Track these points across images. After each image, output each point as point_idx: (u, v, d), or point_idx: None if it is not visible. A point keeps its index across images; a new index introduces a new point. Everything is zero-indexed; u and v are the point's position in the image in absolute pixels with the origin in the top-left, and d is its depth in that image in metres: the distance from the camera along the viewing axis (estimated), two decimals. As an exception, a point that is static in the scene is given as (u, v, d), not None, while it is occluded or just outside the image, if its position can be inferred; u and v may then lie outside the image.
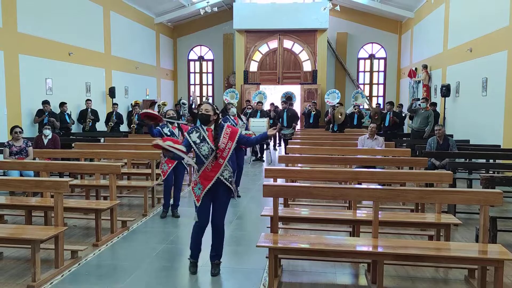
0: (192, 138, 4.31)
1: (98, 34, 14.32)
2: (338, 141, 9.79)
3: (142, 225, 6.21)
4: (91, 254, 5.01)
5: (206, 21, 20.53)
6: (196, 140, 4.29)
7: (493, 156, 8.36)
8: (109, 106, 14.09)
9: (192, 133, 4.35)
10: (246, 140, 4.47)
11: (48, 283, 4.21)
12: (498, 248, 3.93)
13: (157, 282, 4.29)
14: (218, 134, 4.30)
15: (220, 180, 4.29)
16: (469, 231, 5.92)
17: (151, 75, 18.70)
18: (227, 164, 4.32)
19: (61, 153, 8.03)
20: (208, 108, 4.33)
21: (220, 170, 4.27)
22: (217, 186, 4.30)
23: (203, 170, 4.29)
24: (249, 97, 17.84)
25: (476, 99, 11.29)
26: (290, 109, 13.18)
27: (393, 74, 20.30)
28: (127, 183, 7.51)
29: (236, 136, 4.34)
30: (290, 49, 19.00)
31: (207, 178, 4.27)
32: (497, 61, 10.12)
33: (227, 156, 4.29)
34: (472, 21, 11.85)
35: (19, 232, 4.53)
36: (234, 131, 4.39)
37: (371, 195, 4.26)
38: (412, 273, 4.51)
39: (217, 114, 4.38)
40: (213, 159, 4.26)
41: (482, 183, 5.41)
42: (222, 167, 4.28)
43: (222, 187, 4.32)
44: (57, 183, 4.69)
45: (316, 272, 4.57)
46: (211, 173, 4.27)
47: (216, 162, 4.27)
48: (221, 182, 4.30)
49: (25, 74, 10.60)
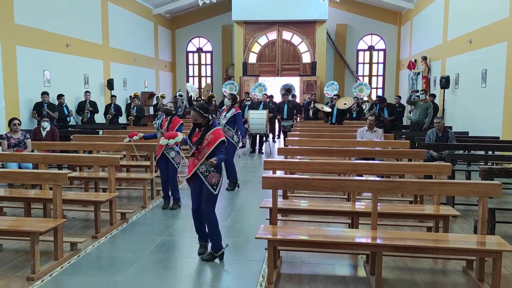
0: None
1: (96, 25, 14.24)
2: (337, 133, 9.78)
3: (141, 217, 6.22)
4: (91, 246, 5.01)
5: (205, 12, 20.42)
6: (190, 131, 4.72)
7: (492, 148, 8.37)
8: (107, 98, 14.05)
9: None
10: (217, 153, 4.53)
11: (47, 275, 4.22)
12: (497, 240, 3.94)
13: (156, 274, 4.30)
14: (200, 139, 4.52)
15: (197, 174, 4.57)
16: (468, 222, 5.94)
17: (150, 67, 18.64)
18: (205, 161, 4.51)
19: (59, 145, 8.01)
20: (196, 117, 4.52)
21: (197, 165, 4.55)
22: (196, 177, 4.60)
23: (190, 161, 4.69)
24: (248, 89, 17.79)
25: (476, 91, 11.28)
26: (290, 101, 13.17)
27: (393, 65, 20.25)
28: (126, 175, 7.50)
29: (214, 145, 4.49)
30: (289, 41, 18.92)
31: (189, 169, 4.68)
32: (497, 53, 10.09)
33: (202, 158, 4.50)
34: (471, 13, 11.81)
35: (18, 224, 4.54)
36: (215, 139, 4.51)
37: (370, 187, 4.26)
38: (410, 265, 4.53)
39: (205, 117, 4.52)
40: (193, 155, 4.58)
41: (481, 175, 5.41)
42: (199, 164, 4.54)
43: (198, 179, 4.59)
44: (56, 175, 4.68)
45: (315, 263, 4.58)
46: (191, 166, 4.64)
47: (193, 160, 4.60)
48: (199, 176, 4.56)
49: (23, 66, 10.55)
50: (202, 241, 4.79)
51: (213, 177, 4.54)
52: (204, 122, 4.52)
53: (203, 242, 4.79)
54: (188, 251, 4.97)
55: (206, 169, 4.54)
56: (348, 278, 4.27)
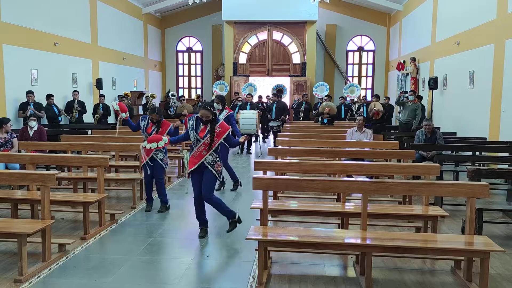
0: (189, 124, 5.20)
1: (85, 24, 14.12)
2: (327, 134, 9.81)
3: (130, 218, 6.18)
4: (79, 247, 4.97)
5: (195, 12, 20.37)
6: (189, 126, 5.18)
7: (479, 149, 8.46)
8: (96, 97, 13.94)
9: (190, 120, 5.23)
10: (230, 140, 5.34)
11: (35, 277, 4.17)
12: (484, 240, 3.99)
13: (146, 275, 4.27)
14: (211, 131, 5.06)
15: (204, 164, 5.13)
16: (456, 222, 6.00)
17: (139, 66, 18.53)
18: (212, 152, 5.13)
19: (47, 145, 7.92)
20: (207, 114, 5.05)
21: (204, 157, 5.11)
22: (202, 168, 5.14)
23: (192, 155, 5.19)
24: (238, 89, 17.78)
25: (463, 92, 11.40)
26: (279, 102, 13.19)
27: (382, 66, 20.39)
28: (115, 176, 7.45)
29: (224, 135, 5.15)
30: (279, 41, 18.94)
31: (193, 162, 5.17)
32: (484, 54, 10.21)
33: (211, 149, 5.11)
34: (460, 15, 11.93)
35: (5, 225, 4.47)
36: (224, 130, 5.16)
37: (360, 188, 4.28)
38: (399, 265, 4.56)
39: (214, 113, 5.11)
40: (199, 148, 5.11)
41: (469, 175, 5.47)
42: (206, 155, 5.11)
43: (203, 168, 5.15)
44: (43, 176, 4.63)
45: (305, 264, 4.59)
46: (196, 159, 5.14)
47: (201, 152, 5.10)
48: (205, 165, 5.13)
49: (9, 65, 10.41)
50: (203, 226, 5.38)
51: (218, 166, 5.18)
52: (211, 118, 5.07)
53: (203, 227, 5.38)
54: (178, 252, 4.96)
55: (212, 159, 5.13)
56: (338, 279, 4.29)
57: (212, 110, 5.09)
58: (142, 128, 6.45)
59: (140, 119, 6.48)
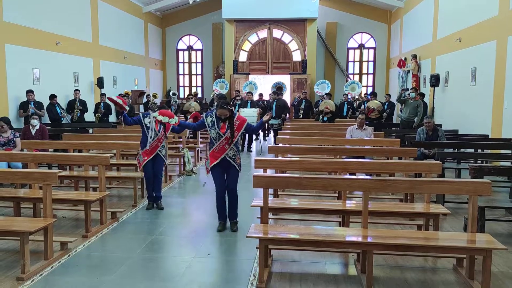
0: (207, 121, 5.37)
1: (86, 23, 14.12)
2: (328, 132, 9.80)
3: (131, 216, 6.19)
4: (81, 245, 4.98)
5: (195, 10, 20.36)
6: (209, 123, 5.35)
7: (482, 146, 8.45)
8: (97, 96, 13.94)
9: (207, 116, 5.39)
10: (251, 128, 5.55)
11: (37, 275, 4.18)
12: (486, 238, 3.98)
13: (147, 273, 4.28)
14: (231, 127, 5.29)
15: (226, 159, 5.34)
16: (458, 220, 5.98)
17: (140, 65, 18.53)
18: (233, 146, 5.35)
19: (49, 144, 7.94)
20: (225, 112, 5.26)
21: (226, 152, 5.32)
22: (224, 162, 5.35)
23: (212, 150, 5.36)
24: (238, 87, 17.76)
25: (465, 89, 11.37)
26: (280, 100, 13.17)
27: (383, 64, 20.35)
28: (116, 174, 7.47)
29: (243, 127, 5.40)
30: (279, 39, 18.91)
31: (214, 157, 5.34)
32: (486, 51, 10.18)
33: (232, 143, 5.33)
34: (461, 11, 11.89)
35: (7, 224, 4.48)
36: (242, 122, 5.40)
37: (361, 186, 4.28)
38: (401, 263, 4.56)
39: (231, 110, 5.32)
40: (221, 143, 5.29)
41: (471, 173, 5.45)
42: (228, 150, 5.32)
43: (225, 162, 5.36)
44: (45, 174, 4.64)
45: (306, 262, 4.59)
46: (218, 153, 5.33)
47: (223, 146, 5.31)
48: (227, 160, 5.35)
49: (12, 64, 10.42)
50: (222, 219, 5.55)
51: (238, 159, 5.42)
52: (229, 115, 5.27)
53: (222, 221, 5.55)
54: (179, 250, 4.97)
55: (233, 153, 5.37)
56: (339, 277, 4.28)
57: (229, 107, 5.31)
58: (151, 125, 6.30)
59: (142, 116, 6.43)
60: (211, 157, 5.37)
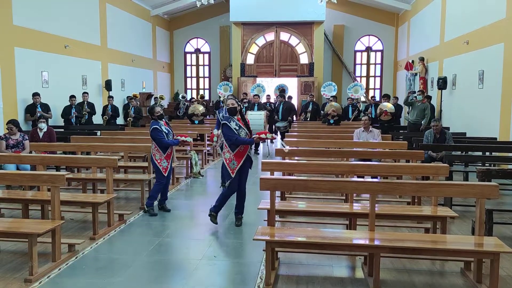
0: (232, 125, 5.51)
1: (94, 26, 14.22)
2: (335, 134, 9.79)
3: (139, 218, 6.21)
4: (88, 247, 5.01)
5: (203, 13, 20.44)
6: (235, 127, 5.50)
7: (489, 149, 8.39)
8: (105, 99, 14.03)
9: (230, 122, 5.52)
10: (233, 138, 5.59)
11: (45, 276, 4.21)
12: (494, 241, 3.95)
13: (154, 276, 4.30)
14: (244, 121, 5.57)
15: (248, 156, 5.67)
16: (466, 223, 5.95)
17: (148, 68, 18.62)
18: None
19: (57, 147, 8.00)
20: (233, 102, 5.53)
21: (248, 148, 5.66)
22: (246, 160, 5.63)
23: (237, 150, 5.53)
24: (246, 89, 17.79)
25: (473, 92, 11.31)
26: (286, 102, 13.16)
27: (390, 66, 20.29)
28: (123, 177, 7.49)
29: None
30: (287, 42, 18.93)
31: (241, 155, 5.56)
32: (494, 54, 10.12)
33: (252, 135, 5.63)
34: (468, 14, 11.84)
35: (16, 226, 4.52)
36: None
37: (368, 188, 4.26)
38: (408, 266, 4.54)
39: (239, 105, 5.60)
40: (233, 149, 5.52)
41: (479, 176, 5.43)
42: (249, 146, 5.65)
43: (248, 160, 5.69)
44: (53, 176, 4.67)
45: (313, 264, 4.59)
46: (243, 152, 5.59)
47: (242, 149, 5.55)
48: (248, 157, 5.68)
49: (21, 67, 10.53)
50: (217, 213, 5.73)
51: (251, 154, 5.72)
52: (238, 109, 5.58)
53: (216, 214, 5.72)
54: (186, 252, 4.97)
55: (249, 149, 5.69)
56: (346, 280, 4.28)
57: (236, 98, 5.64)
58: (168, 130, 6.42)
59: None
60: (237, 157, 5.54)
